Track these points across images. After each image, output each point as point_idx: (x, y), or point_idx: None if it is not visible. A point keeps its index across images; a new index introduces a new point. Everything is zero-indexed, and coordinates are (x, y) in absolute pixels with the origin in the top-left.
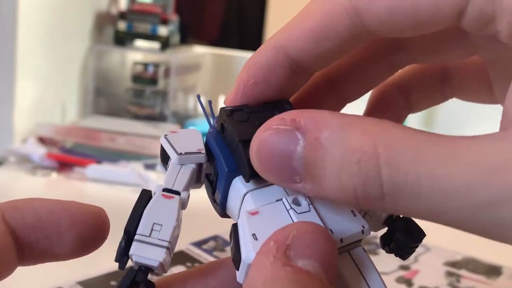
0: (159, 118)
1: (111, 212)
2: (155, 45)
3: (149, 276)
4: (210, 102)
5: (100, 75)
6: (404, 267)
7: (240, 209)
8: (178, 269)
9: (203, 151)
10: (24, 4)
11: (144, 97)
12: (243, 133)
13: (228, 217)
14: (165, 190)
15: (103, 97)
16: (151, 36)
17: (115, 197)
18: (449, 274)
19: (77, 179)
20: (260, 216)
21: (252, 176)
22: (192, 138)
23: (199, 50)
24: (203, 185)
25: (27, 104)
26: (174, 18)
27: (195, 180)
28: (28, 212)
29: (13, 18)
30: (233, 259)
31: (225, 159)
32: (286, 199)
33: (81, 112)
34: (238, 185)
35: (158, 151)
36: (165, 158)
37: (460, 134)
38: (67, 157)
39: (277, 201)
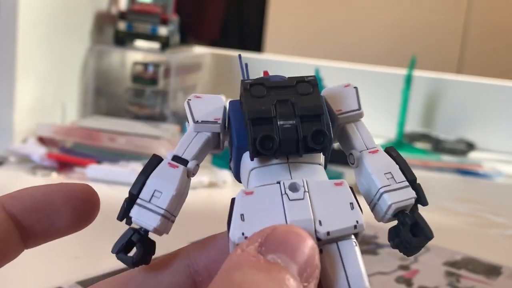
0: (159, 118)
1: (111, 212)
2: (155, 45)
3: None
4: (246, 65)
5: (100, 75)
6: (404, 267)
7: (248, 182)
8: None
9: (220, 121)
10: (24, 4)
11: (144, 97)
12: (254, 110)
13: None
14: (174, 157)
15: (103, 97)
16: (151, 36)
17: (115, 197)
18: (449, 274)
19: (77, 179)
20: (253, 197)
21: (257, 155)
22: (213, 105)
23: (199, 50)
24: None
25: (27, 104)
26: (174, 18)
27: (214, 146)
28: (25, 198)
29: (13, 18)
30: (227, 231)
31: (237, 133)
32: (284, 183)
33: (81, 112)
34: (247, 160)
35: (158, 151)
36: None
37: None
38: (67, 157)
39: (277, 182)
